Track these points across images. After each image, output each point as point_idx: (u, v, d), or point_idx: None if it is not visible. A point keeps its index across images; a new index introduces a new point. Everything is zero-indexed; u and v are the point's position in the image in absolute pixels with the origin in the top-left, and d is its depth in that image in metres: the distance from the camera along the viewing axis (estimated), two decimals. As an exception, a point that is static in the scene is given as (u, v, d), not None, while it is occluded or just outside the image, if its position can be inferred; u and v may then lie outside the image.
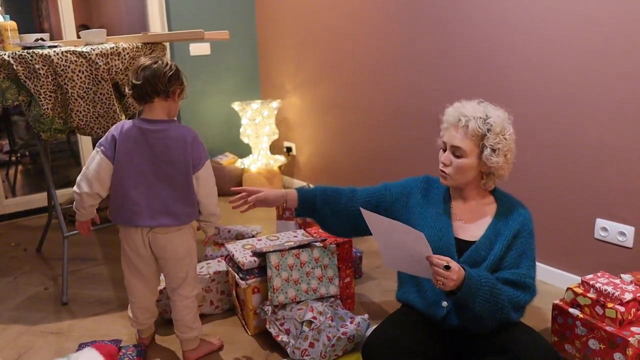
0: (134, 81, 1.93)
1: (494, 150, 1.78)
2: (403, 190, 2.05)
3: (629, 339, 1.82)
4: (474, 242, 1.84)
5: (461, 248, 1.84)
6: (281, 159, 4.44)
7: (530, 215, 1.87)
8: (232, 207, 2.11)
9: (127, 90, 2.00)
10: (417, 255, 1.67)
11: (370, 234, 1.84)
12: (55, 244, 3.42)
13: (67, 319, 2.55)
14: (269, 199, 2.09)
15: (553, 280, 2.68)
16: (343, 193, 2.13)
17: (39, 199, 4.08)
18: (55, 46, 2.58)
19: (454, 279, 1.62)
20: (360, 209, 1.77)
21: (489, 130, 1.78)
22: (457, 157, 1.82)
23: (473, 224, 1.88)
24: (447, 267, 1.61)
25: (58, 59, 2.49)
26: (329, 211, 2.12)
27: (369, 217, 1.73)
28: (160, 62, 1.95)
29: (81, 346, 2.23)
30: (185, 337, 2.14)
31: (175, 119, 2.06)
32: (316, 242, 2.38)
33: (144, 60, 1.95)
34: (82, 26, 4.69)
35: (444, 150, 1.87)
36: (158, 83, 1.91)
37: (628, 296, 1.89)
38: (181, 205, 2.00)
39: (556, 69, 2.54)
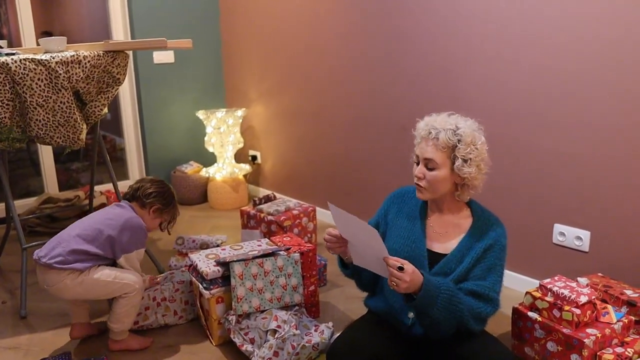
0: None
1: (465, 161, 1.78)
2: (380, 214, 2.04)
3: (585, 341, 1.88)
4: (447, 254, 1.85)
5: (433, 260, 1.85)
6: (246, 167, 4.43)
7: (504, 231, 1.87)
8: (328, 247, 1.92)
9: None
10: (376, 254, 1.68)
11: None
12: (13, 256, 3.34)
13: (26, 333, 2.48)
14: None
15: (513, 285, 2.74)
16: None
17: (-4, 210, 3.96)
18: (14, 53, 2.53)
19: (406, 281, 1.62)
20: (328, 203, 1.77)
21: (459, 141, 1.78)
22: (430, 169, 1.81)
23: (447, 237, 1.88)
24: (401, 269, 1.63)
25: (16, 66, 2.44)
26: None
27: (335, 212, 1.72)
28: (159, 184, 2.39)
29: None
30: (113, 327, 2.27)
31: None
32: (280, 250, 2.38)
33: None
34: (44, 33, 4.58)
35: (417, 164, 1.86)
36: (139, 190, 2.34)
37: (583, 299, 1.95)
38: None
39: (512, 79, 2.62)
